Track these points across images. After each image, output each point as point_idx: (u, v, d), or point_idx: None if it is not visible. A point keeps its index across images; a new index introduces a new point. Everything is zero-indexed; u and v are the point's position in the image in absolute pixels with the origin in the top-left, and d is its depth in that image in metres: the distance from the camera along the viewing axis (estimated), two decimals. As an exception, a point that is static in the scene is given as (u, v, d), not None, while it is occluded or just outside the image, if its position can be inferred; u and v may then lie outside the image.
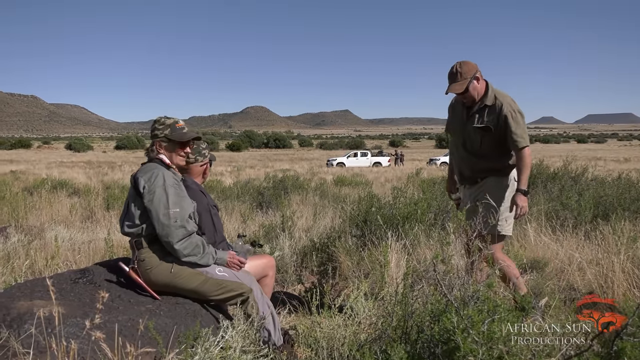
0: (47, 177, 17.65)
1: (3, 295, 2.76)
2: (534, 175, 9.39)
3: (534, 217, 6.52)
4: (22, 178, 20.32)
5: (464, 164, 4.06)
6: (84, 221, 9.01)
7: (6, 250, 5.48)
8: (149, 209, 2.97)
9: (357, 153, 47.34)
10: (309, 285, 4.52)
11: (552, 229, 6.10)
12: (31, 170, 27.91)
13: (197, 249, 3.05)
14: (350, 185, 16.50)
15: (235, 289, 3.12)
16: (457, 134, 4.11)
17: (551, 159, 20.49)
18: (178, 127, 3.18)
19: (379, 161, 44.42)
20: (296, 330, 3.52)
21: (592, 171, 10.62)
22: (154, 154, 3.18)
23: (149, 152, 3.22)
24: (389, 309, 2.63)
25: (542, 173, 9.57)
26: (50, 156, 55.61)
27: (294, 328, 3.66)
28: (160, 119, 3.21)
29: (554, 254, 5.15)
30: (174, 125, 3.17)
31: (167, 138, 3.16)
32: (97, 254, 5.69)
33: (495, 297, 2.24)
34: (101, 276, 3.16)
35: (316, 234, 6.51)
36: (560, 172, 9.63)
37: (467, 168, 4.04)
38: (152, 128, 3.21)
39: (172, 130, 3.16)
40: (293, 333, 3.52)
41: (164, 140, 3.17)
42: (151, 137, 3.21)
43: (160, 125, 3.17)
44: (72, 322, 2.48)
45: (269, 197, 11.20)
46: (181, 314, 2.95)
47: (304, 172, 28.36)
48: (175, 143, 3.18)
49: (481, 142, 3.89)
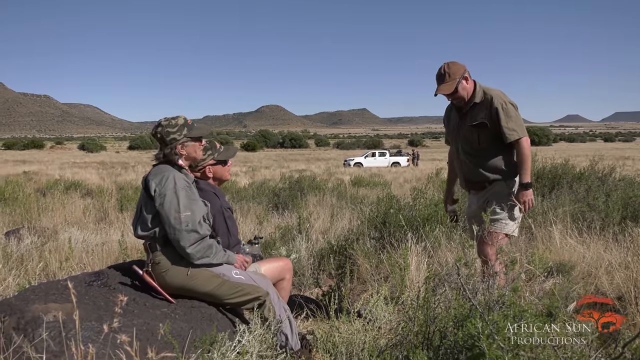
0: (60, 178, 17.88)
1: (17, 298, 2.79)
2: (559, 175, 9.29)
3: (560, 218, 6.44)
4: (35, 179, 20.59)
5: (467, 169, 4.04)
6: (97, 223, 9.09)
7: (20, 252, 5.54)
8: (160, 212, 2.99)
9: (375, 153, 47.23)
10: (327, 289, 4.51)
11: (578, 231, 6.02)
12: (44, 171, 28.26)
13: (210, 250, 3.06)
14: (368, 186, 16.47)
15: (251, 292, 3.12)
16: (454, 139, 4.10)
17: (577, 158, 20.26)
18: (190, 123, 3.20)
19: (398, 161, 44.24)
20: (314, 335, 3.52)
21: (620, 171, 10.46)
22: (176, 158, 3.14)
23: (166, 156, 3.16)
24: (410, 314, 2.62)
25: (567, 173, 9.44)
26: (63, 157, 56.28)
27: (312, 333, 3.66)
28: (168, 123, 3.14)
29: (580, 257, 5.09)
30: (187, 124, 3.18)
31: (189, 137, 3.17)
32: (111, 256, 5.73)
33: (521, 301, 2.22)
34: (116, 279, 3.19)
35: (334, 236, 6.51)
36: (587, 172, 9.50)
37: (471, 173, 4.01)
38: (162, 133, 3.13)
39: (189, 128, 3.17)
40: (311, 338, 3.52)
41: (185, 140, 3.15)
42: (168, 143, 3.13)
43: (173, 128, 3.12)
44: (87, 326, 2.50)
45: (285, 198, 11.21)
46: (197, 318, 2.97)
47: (320, 172, 28.35)
48: (196, 139, 3.22)
49: (478, 140, 3.88)
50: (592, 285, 4.47)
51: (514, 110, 3.80)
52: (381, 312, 3.40)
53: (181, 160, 3.18)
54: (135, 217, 3.19)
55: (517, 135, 3.76)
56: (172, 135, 3.13)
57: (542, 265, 3.87)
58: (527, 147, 3.80)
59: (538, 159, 10.34)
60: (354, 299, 4.46)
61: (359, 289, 4.97)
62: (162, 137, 3.14)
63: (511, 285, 2.27)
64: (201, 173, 3.70)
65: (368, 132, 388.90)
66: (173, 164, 3.16)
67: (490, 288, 2.37)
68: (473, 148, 3.93)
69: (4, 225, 8.08)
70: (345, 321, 3.17)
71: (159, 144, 3.19)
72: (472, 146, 3.93)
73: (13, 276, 4.69)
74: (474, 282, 2.43)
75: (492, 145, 3.87)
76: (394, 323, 3.20)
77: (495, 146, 3.87)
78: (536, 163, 10.04)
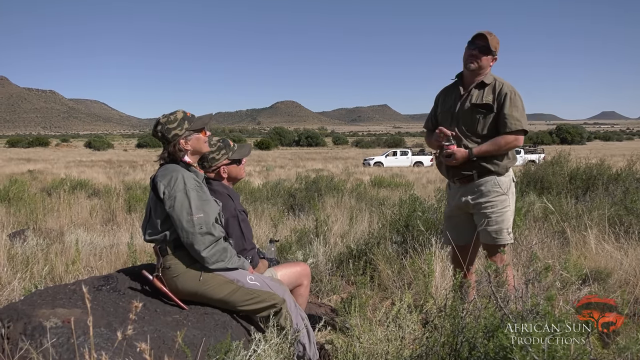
0: (66, 177, 18.05)
1: (24, 302, 2.82)
2: (593, 176, 9.22)
3: (595, 222, 6.38)
4: (40, 178, 20.88)
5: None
6: (105, 224, 9.18)
7: (25, 255, 5.60)
8: (171, 215, 2.99)
9: (396, 152, 47.06)
10: (346, 296, 4.51)
11: (615, 235, 5.96)
12: (49, 169, 28.63)
13: (224, 253, 3.06)
14: (390, 187, 16.43)
15: (267, 300, 3.12)
16: (447, 121, 3.99)
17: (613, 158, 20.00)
18: (189, 115, 3.17)
19: (421, 160, 44.07)
20: (333, 345, 3.51)
21: (660, 171, 10.33)
22: (182, 155, 3.15)
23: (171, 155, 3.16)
24: (436, 323, 2.61)
25: (603, 174, 9.35)
26: (68, 155, 56.92)
27: (331, 342, 3.65)
28: (167, 119, 3.13)
29: (617, 264, 5.03)
30: (187, 117, 3.15)
31: (191, 130, 3.15)
32: (120, 259, 5.78)
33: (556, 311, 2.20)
34: (125, 284, 3.21)
35: (353, 239, 6.50)
36: (624, 172, 9.40)
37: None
38: (163, 131, 3.12)
39: (190, 120, 3.15)
40: (329, 348, 3.51)
41: (187, 134, 3.14)
42: (170, 140, 3.12)
43: (173, 124, 3.11)
44: (97, 333, 2.52)
45: (301, 199, 11.22)
46: (210, 325, 2.97)
47: (338, 172, 28.36)
48: (198, 132, 3.19)
49: (478, 123, 3.82)
50: (630, 295, 4.42)
51: (521, 103, 3.79)
52: (404, 321, 3.39)
53: (187, 157, 3.17)
54: (145, 221, 3.19)
55: (519, 126, 3.72)
56: (174, 131, 3.11)
57: (577, 272, 3.84)
58: (514, 143, 3.75)
59: (571, 158, 10.24)
60: (375, 307, 4.45)
61: (380, 295, 4.95)
62: (164, 134, 3.12)
63: (546, 293, 2.25)
64: (215, 173, 3.70)
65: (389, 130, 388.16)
66: (180, 162, 3.15)
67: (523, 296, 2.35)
68: (471, 130, 3.86)
69: (8, 226, 8.18)
70: (366, 330, 3.16)
71: (162, 143, 3.19)
72: (469, 128, 3.86)
73: (18, 279, 4.75)
74: (506, 289, 2.41)
75: (488, 134, 3.82)
76: (418, 333, 3.19)
77: (492, 137, 3.81)
78: (569, 163, 9.95)
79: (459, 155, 3.76)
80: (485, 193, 3.83)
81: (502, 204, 3.82)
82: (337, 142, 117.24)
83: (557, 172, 9.67)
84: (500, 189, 3.82)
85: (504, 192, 3.83)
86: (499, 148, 3.74)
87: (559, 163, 10.01)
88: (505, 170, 3.86)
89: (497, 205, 3.82)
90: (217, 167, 3.69)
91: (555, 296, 2.39)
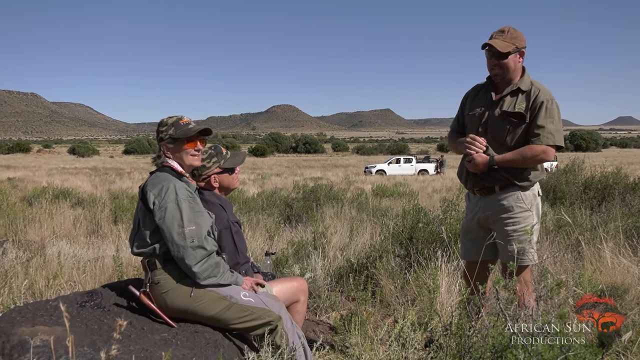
0: (48, 185, 18.05)
1: (2, 319, 2.81)
2: (609, 185, 9.23)
3: (611, 235, 6.38)
4: (21, 186, 20.83)
5: None
6: (89, 236, 9.17)
7: (3, 269, 5.59)
8: (161, 227, 2.98)
9: (399, 159, 47.12)
10: (346, 313, 4.50)
11: (632, 249, 5.96)
12: (30, 177, 28.59)
13: (217, 268, 3.06)
14: (392, 197, 16.44)
15: (261, 317, 3.11)
16: (474, 125, 3.85)
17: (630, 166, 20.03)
18: (182, 123, 3.15)
19: (425, 168, 44.14)
20: (331, 365, 3.51)
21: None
22: (161, 160, 3.17)
23: (156, 159, 3.20)
24: (441, 342, 2.61)
25: (619, 183, 9.38)
26: (51, 161, 56.90)
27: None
28: (163, 120, 3.20)
29: (635, 279, 5.03)
30: (177, 122, 3.15)
31: (173, 138, 3.14)
32: (105, 273, 5.77)
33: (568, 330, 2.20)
34: (110, 300, 3.21)
35: (353, 253, 6.50)
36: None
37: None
38: (157, 132, 3.23)
39: (176, 127, 3.14)
40: (328, 368, 3.51)
41: (169, 141, 3.15)
42: (158, 143, 3.23)
43: (163, 127, 3.16)
44: (80, 352, 2.52)
45: (299, 209, 11.22)
46: (200, 345, 2.97)
47: (338, 181, 28.38)
48: (182, 141, 3.15)
49: (508, 133, 3.67)
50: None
51: (558, 114, 3.62)
52: (408, 339, 3.39)
53: (176, 165, 3.17)
54: (132, 232, 3.19)
55: (551, 141, 3.56)
56: (161, 134, 3.18)
57: (592, 287, 3.83)
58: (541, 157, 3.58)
59: (586, 166, 10.26)
60: (376, 325, 4.45)
61: (382, 313, 4.95)
62: (157, 137, 3.23)
63: (558, 311, 2.25)
64: (205, 182, 3.69)
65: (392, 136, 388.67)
66: (172, 170, 3.15)
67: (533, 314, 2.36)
68: (498, 140, 3.71)
69: (-14, 238, 8.16)
70: (366, 350, 3.16)
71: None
72: (497, 137, 3.71)
73: (-4, 295, 4.74)
74: (515, 307, 2.42)
75: (516, 147, 3.66)
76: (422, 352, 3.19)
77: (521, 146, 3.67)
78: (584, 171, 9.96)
79: (480, 160, 3.62)
80: (508, 208, 3.70)
81: (525, 221, 3.68)
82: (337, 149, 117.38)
83: (571, 181, 9.68)
84: (524, 204, 3.69)
85: (528, 208, 3.70)
86: (524, 159, 3.59)
87: (572, 171, 10.02)
88: (531, 185, 3.73)
89: (521, 222, 3.68)
90: (207, 176, 3.67)
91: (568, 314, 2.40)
